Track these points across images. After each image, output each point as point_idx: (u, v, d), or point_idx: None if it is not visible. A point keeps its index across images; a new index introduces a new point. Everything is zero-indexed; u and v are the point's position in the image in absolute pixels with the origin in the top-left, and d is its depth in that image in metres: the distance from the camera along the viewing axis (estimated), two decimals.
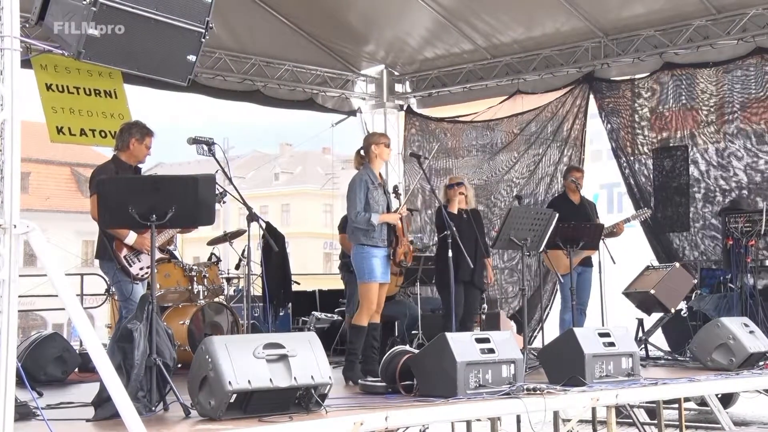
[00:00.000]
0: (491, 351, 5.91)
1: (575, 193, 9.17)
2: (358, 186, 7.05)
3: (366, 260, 7.00)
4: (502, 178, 12.03)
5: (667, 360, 8.61)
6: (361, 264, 7.02)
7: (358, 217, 6.99)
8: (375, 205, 7.05)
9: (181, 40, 4.60)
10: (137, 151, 6.63)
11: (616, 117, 10.97)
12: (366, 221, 6.97)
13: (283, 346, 5.12)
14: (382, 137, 7.29)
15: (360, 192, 7.03)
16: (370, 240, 7.01)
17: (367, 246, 7.01)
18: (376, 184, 7.10)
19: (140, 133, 6.66)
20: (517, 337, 8.13)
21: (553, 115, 11.56)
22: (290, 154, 49.44)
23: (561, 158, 11.35)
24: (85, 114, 9.99)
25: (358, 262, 7.05)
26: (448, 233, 7.28)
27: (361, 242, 7.04)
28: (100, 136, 10.02)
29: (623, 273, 9.21)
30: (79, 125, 9.92)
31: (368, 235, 7.02)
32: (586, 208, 9.04)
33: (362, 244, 7.03)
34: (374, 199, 7.05)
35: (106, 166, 6.61)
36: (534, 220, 7.65)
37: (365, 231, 7.01)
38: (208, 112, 60.06)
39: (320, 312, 11.20)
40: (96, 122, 10.04)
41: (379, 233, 7.03)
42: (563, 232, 8.18)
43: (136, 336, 5.21)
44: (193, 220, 5.80)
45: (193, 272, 8.79)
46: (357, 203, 7.01)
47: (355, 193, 7.04)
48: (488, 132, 12.24)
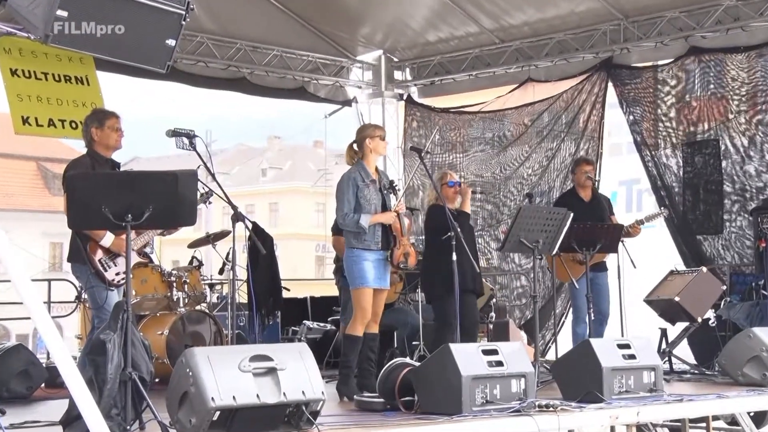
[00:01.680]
0: (499, 364, 5.92)
1: (586, 189, 9.12)
2: (346, 185, 7.08)
3: (357, 264, 7.03)
4: (512, 175, 12.04)
5: (694, 374, 8.63)
6: (352, 268, 7.05)
7: (346, 220, 7.03)
8: (366, 204, 7.07)
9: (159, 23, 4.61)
10: (104, 138, 6.53)
11: (638, 107, 10.98)
12: (354, 223, 7.01)
13: (272, 359, 5.13)
14: (377, 129, 7.30)
15: (348, 192, 7.06)
16: (361, 243, 7.04)
17: (358, 249, 7.04)
18: (368, 182, 7.12)
19: (97, 120, 6.56)
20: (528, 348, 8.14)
21: (567, 105, 11.58)
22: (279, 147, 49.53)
23: (577, 152, 11.36)
24: (54, 102, 9.96)
25: (350, 267, 7.07)
26: (452, 234, 7.27)
27: (352, 245, 7.07)
28: (71, 127, 9.95)
29: (645, 278, 9.22)
30: (47, 115, 9.89)
31: (359, 238, 7.05)
32: (598, 207, 8.98)
33: (353, 248, 7.07)
34: (365, 198, 7.07)
35: (80, 161, 6.57)
36: (546, 221, 7.67)
37: (356, 234, 7.05)
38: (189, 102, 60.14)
39: (312, 321, 11.21)
40: (66, 112, 9.99)
41: (371, 235, 7.06)
42: (579, 233, 8.19)
43: (109, 348, 5.22)
44: (172, 221, 5.81)
45: (172, 278, 8.80)
46: (345, 204, 7.05)
47: (343, 193, 7.07)
48: (496, 124, 12.26)
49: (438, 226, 7.64)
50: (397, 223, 7.18)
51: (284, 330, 11.05)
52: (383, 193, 7.25)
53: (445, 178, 8.20)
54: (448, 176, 8.24)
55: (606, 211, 9.05)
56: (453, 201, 8.12)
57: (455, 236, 7.25)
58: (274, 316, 10.41)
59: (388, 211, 7.17)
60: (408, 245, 7.29)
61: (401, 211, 7.29)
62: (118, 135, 6.58)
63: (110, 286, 6.43)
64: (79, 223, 5.88)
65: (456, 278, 7.16)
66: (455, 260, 7.20)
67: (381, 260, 7.13)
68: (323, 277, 28.60)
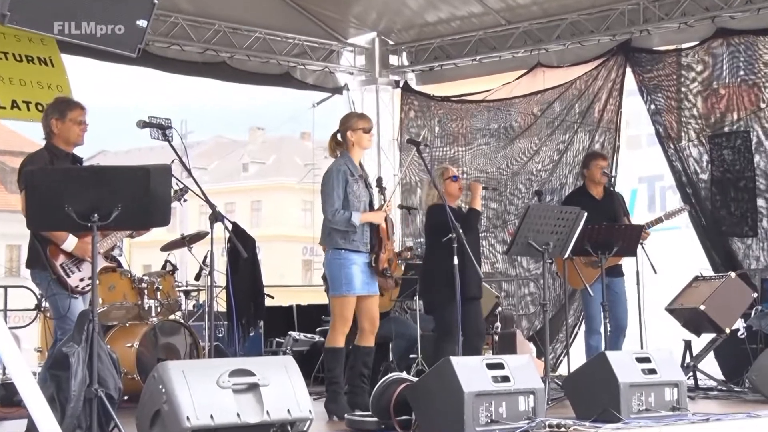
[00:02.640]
0: (506, 379, 5.94)
1: (599, 187, 9.11)
2: (335, 178, 7.08)
3: (344, 268, 7.03)
4: (520, 170, 12.05)
5: (721, 391, 8.64)
6: (338, 272, 7.05)
7: (336, 216, 7.02)
8: (355, 201, 7.08)
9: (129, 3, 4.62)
10: (65, 132, 6.45)
11: (659, 95, 10.99)
12: (346, 221, 7.00)
13: (254, 374, 5.14)
14: (360, 120, 7.29)
15: (338, 185, 7.06)
16: (349, 244, 7.05)
17: (346, 251, 7.04)
18: (356, 176, 7.14)
19: (58, 111, 6.47)
20: (537, 362, 8.16)
21: (581, 93, 11.59)
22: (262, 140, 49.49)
23: (591, 145, 11.37)
24: (16, 83, 9.87)
25: (334, 270, 7.07)
26: (453, 236, 7.28)
27: (338, 246, 7.06)
28: (36, 109, 9.74)
29: (667, 284, 9.23)
30: (9, 96, 9.77)
31: (348, 238, 7.05)
32: (610, 206, 8.95)
33: (339, 248, 7.06)
34: (354, 194, 7.08)
35: (37, 155, 6.53)
36: (557, 221, 7.68)
37: (344, 233, 7.04)
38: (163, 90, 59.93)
39: (298, 332, 11.22)
40: (30, 93, 9.86)
41: (360, 236, 7.07)
42: (593, 234, 8.22)
43: (73, 362, 5.22)
44: (144, 221, 5.82)
45: (143, 284, 8.81)
46: (334, 199, 7.04)
47: (332, 186, 7.06)
48: (503, 114, 12.26)
49: (438, 226, 7.63)
50: (384, 225, 7.20)
51: (267, 342, 11.06)
52: (370, 190, 7.27)
53: (446, 173, 8.20)
54: (450, 171, 8.24)
55: (619, 210, 9.00)
56: (455, 198, 8.13)
57: (457, 237, 7.25)
58: (257, 326, 10.42)
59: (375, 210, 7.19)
60: (392, 250, 7.32)
61: (389, 212, 7.32)
62: (81, 129, 6.48)
63: (74, 293, 6.42)
64: (39, 223, 5.85)
65: (458, 284, 7.16)
66: (457, 264, 7.21)
67: (367, 264, 7.15)
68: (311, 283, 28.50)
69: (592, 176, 9.11)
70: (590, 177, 9.15)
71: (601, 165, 9.12)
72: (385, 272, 7.23)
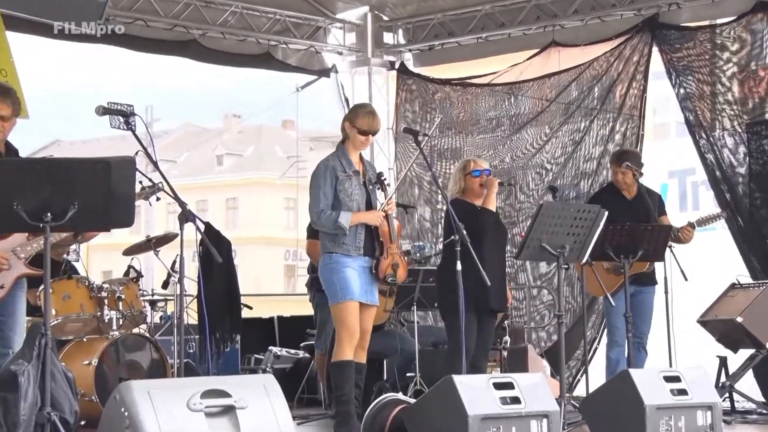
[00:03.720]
0: (516, 401, 5.95)
1: (631, 187, 9.11)
2: (322, 176, 7.14)
3: (337, 273, 7.08)
4: (530, 163, 12.06)
5: (761, 414, 8.66)
6: (331, 279, 7.11)
7: (322, 218, 7.09)
8: (347, 200, 7.13)
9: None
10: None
11: (690, 78, 10.98)
12: (332, 223, 7.06)
13: (229, 395, 5.13)
14: (364, 119, 7.28)
15: (324, 183, 7.12)
16: (339, 247, 7.13)
17: (337, 254, 7.11)
18: (350, 172, 7.18)
19: None
20: (551, 381, 8.15)
21: (601, 75, 11.58)
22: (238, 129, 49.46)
23: (612, 135, 11.37)
24: None
25: (327, 277, 7.14)
26: (456, 238, 7.29)
27: (328, 249, 7.16)
28: None
29: (699, 293, 9.24)
30: None
31: (337, 241, 7.12)
32: (642, 207, 8.93)
33: (330, 252, 7.14)
34: (345, 193, 7.13)
35: None
36: (574, 221, 7.68)
37: (333, 236, 7.11)
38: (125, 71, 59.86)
39: (280, 347, 11.23)
40: None
41: (352, 238, 7.12)
42: (615, 236, 8.22)
43: (22, 381, 5.21)
44: (104, 221, 5.80)
45: (103, 293, 8.79)
46: (320, 199, 7.10)
47: (318, 185, 7.13)
48: (511, 99, 12.26)
49: (449, 225, 7.72)
50: (385, 226, 7.24)
51: (245, 358, 11.07)
52: (368, 188, 7.30)
53: (468, 166, 8.27)
54: (472, 164, 8.30)
55: (652, 211, 8.95)
56: (479, 195, 8.18)
57: (460, 240, 7.26)
58: (232, 340, 10.41)
59: (374, 209, 7.23)
60: (398, 254, 7.34)
61: (391, 212, 7.33)
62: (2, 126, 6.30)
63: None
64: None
65: (460, 292, 7.17)
66: (459, 270, 7.22)
67: (366, 268, 7.19)
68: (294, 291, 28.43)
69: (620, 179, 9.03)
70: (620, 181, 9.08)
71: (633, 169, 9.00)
72: (388, 280, 7.28)
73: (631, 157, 9.20)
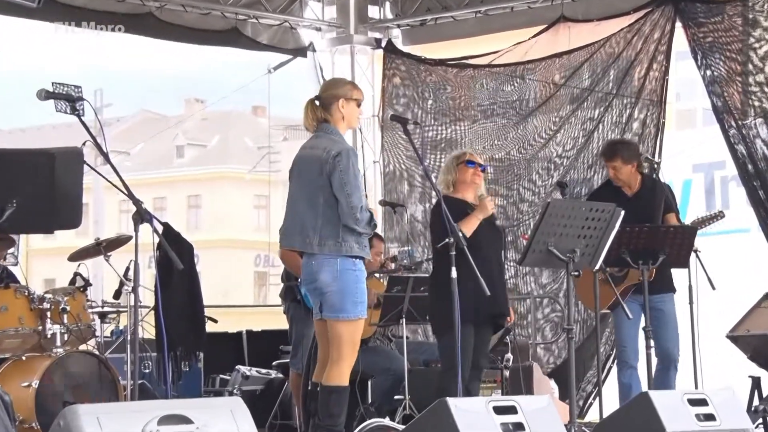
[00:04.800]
0: (519, 427, 5.96)
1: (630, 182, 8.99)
2: (354, 162, 7.16)
3: (360, 283, 7.11)
4: (536, 155, 12.09)
5: None
6: (354, 288, 7.10)
7: (364, 215, 7.10)
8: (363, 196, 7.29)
9: None
10: None
11: (718, 58, 11.01)
12: (368, 222, 7.12)
13: (191, 421, 5.14)
14: (355, 89, 7.37)
15: (358, 174, 7.17)
16: (362, 251, 7.16)
17: (361, 260, 7.15)
18: None
19: None
20: (560, 405, 8.17)
21: (617, 55, 11.62)
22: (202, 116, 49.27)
23: (629, 124, 11.40)
24: None
25: (349, 286, 7.09)
26: (450, 240, 7.31)
27: (351, 252, 7.12)
28: None
29: (727, 304, 9.26)
30: None
31: (361, 243, 7.15)
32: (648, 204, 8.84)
33: (354, 257, 7.12)
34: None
35: None
36: (586, 221, 7.67)
37: (359, 237, 7.13)
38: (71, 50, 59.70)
39: (249, 366, 11.23)
40: None
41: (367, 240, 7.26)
42: (632, 239, 8.23)
43: None
44: (47, 222, 5.82)
45: (45, 304, 8.75)
46: (361, 190, 7.16)
47: (356, 173, 7.13)
48: (515, 83, 12.29)
49: (436, 225, 7.78)
50: None
51: (209, 379, 11.07)
52: None
53: (463, 156, 8.36)
54: (467, 155, 8.39)
55: (659, 208, 8.94)
56: (473, 188, 8.26)
57: (455, 243, 7.29)
58: (195, 358, 10.40)
59: None
60: None
61: None
62: None
63: None
64: None
65: (456, 303, 7.21)
66: (454, 278, 7.26)
67: None
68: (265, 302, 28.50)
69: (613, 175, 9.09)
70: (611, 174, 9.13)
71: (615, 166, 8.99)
72: None
73: (623, 150, 9.13)
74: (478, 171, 8.25)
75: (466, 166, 8.24)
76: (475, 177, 8.25)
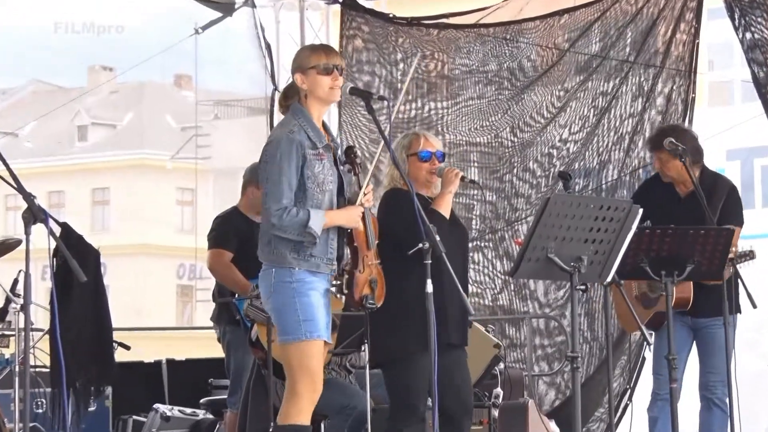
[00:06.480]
0: None
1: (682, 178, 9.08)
2: (286, 155, 7.11)
3: (299, 296, 7.08)
4: (534, 139, 12.11)
5: None
6: (288, 304, 7.10)
7: (286, 219, 7.05)
8: (317, 191, 7.16)
9: None
10: None
11: (761, 17, 11.05)
12: (300, 226, 7.04)
13: None
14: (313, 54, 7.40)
15: (289, 167, 7.10)
16: (305, 261, 7.12)
17: (302, 271, 7.10)
18: (320, 148, 7.21)
19: None
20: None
21: (634, 15, 11.66)
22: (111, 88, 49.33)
23: (651, 100, 11.44)
24: None
25: (282, 301, 7.13)
26: (425, 245, 7.26)
27: (287, 263, 7.11)
28: None
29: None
30: None
31: (302, 253, 7.11)
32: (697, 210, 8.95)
33: (290, 267, 7.10)
34: (316, 179, 7.16)
35: None
36: (595, 221, 7.63)
37: (296, 244, 7.10)
38: None
39: (170, 405, 11.23)
40: None
41: (323, 248, 7.16)
42: (653, 244, 8.21)
43: None
44: None
45: None
46: (284, 190, 7.06)
47: (281, 169, 7.09)
48: (507, 49, 12.30)
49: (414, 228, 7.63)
50: (361, 226, 7.27)
51: (118, 421, 11.07)
52: (338, 168, 7.34)
53: (415, 144, 8.30)
54: (422, 141, 8.32)
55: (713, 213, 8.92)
56: (428, 186, 8.24)
57: (432, 249, 7.25)
58: (101, 394, 10.38)
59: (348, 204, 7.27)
60: (375, 265, 7.40)
61: (368, 205, 7.36)
62: None
63: None
64: None
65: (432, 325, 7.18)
66: (430, 292, 7.24)
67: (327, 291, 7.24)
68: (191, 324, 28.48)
69: (666, 170, 9.13)
70: (657, 166, 9.20)
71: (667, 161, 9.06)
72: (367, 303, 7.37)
73: (672, 133, 9.19)
74: (434, 165, 8.21)
75: (419, 160, 8.23)
76: (430, 176, 8.25)
